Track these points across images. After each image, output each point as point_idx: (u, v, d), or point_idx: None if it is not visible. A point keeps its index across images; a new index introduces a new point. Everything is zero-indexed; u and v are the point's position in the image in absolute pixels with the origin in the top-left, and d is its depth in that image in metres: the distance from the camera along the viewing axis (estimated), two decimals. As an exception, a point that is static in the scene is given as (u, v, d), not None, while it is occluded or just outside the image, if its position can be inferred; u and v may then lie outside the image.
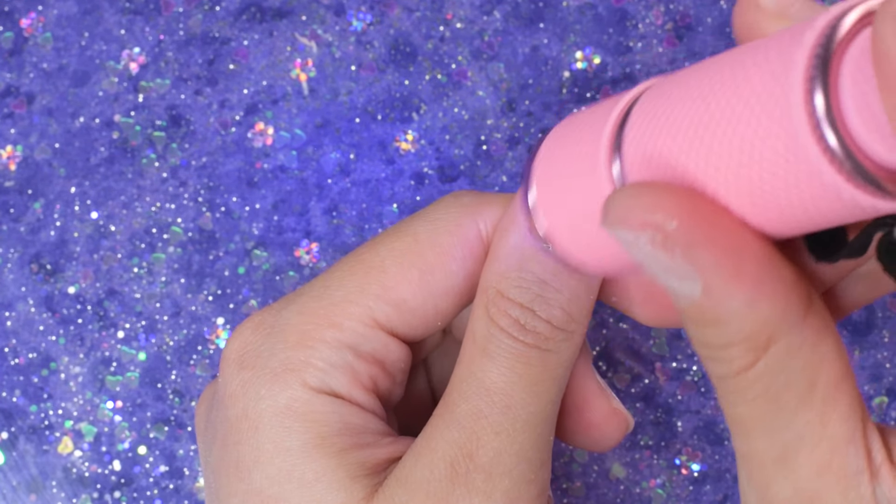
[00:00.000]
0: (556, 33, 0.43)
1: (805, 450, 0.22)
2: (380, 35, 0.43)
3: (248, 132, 0.42)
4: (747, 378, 0.22)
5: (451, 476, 0.29)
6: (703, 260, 0.21)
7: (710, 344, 0.22)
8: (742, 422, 0.23)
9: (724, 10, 0.43)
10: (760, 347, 0.22)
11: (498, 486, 0.29)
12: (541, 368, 0.29)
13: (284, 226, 0.42)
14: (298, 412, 0.29)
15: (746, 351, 0.22)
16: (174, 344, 0.41)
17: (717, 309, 0.21)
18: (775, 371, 0.22)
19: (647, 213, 0.21)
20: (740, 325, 0.21)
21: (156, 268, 0.42)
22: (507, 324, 0.29)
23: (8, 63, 0.43)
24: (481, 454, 0.29)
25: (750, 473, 0.23)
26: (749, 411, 0.23)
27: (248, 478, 0.29)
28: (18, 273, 0.42)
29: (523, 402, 0.29)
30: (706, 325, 0.22)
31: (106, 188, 0.42)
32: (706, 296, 0.21)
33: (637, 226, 0.21)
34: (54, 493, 0.41)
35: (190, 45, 0.43)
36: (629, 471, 0.41)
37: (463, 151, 0.42)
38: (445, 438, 0.29)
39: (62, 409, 0.41)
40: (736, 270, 0.21)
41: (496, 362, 0.29)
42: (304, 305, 0.31)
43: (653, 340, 0.41)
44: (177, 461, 0.41)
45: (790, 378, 0.22)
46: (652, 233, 0.21)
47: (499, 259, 0.30)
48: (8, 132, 0.42)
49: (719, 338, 0.22)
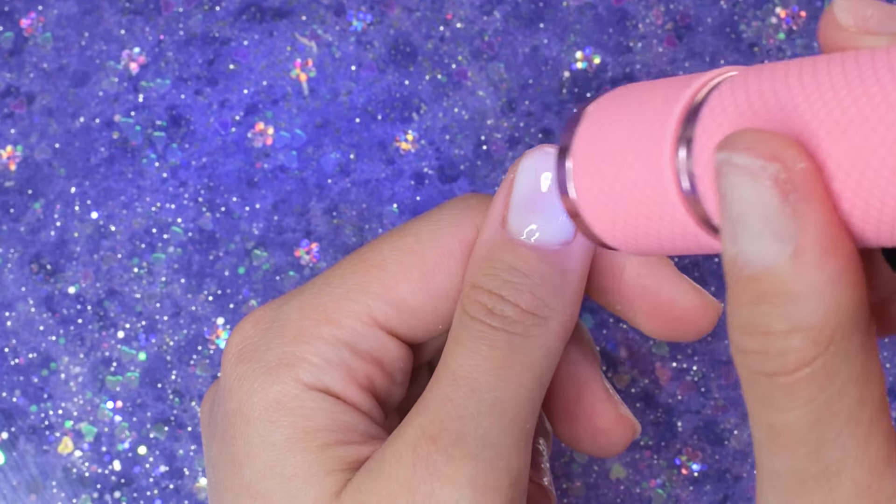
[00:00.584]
0: (556, 33, 0.43)
1: (848, 469, 0.21)
2: (380, 35, 0.43)
3: (248, 132, 0.42)
4: (801, 377, 0.21)
5: (413, 460, 0.28)
6: (813, 216, 0.20)
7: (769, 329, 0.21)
8: (788, 431, 0.22)
9: (723, 10, 0.43)
10: (825, 340, 0.20)
11: (462, 470, 0.28)
12: (507, 351, 0.29)
13: (284, 226, 0.42)
14: (286, 407, 0.29)
15: (810, 341, 0.20)
16: (174, 344, 0.41)
17: (801, 279, 0.20)
18: (833, 373, 0.21)
19: (780, 147, 0.20)
20: (817, 304, 0.20)
21: (156, 268, 0.42)
22: (475, 310, 0.29)
23: (8, 63, 0.43)
24: (444, 437, 0.28)
25: (787, 491, 0.22)
26: (800, 418, 0.21)
27: (241, 472, 0.29)
28: (18, 273, 0.42)
29: (489, 385, 0.28)
30: (775, 301, 0.21)
31: (106, 188, 0.42)
32: (796, 260, 0.20)
33: (768, 155, 0.20)
34: (54, 494, 0.41)
35: (190, 45, 0.43)
36: (629, 471, 0.41)
37: (463, 151, 0.42)
38: (412, 424, 0.29)
39: (62, 409, 0.41)
40: (836, 242, 0.20)
41: (463, 346, 0.29)
42: (303, 302, 0.31)
43: (653, 340, 0.41)
44: (177, 461, 0.41)
45: (845, 387, 0.21)
46: (779, 167, 0.20)
47: (474, 255, 0.30)
48: (8, 132, 0.42)
49: (786, 319, 0.21)
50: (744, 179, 0.21)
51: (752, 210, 0.21)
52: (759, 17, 0.42)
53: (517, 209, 0.29)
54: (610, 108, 0.26)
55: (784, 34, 0.42)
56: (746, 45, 0.42)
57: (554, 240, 0.29)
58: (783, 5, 0.42)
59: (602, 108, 0.26)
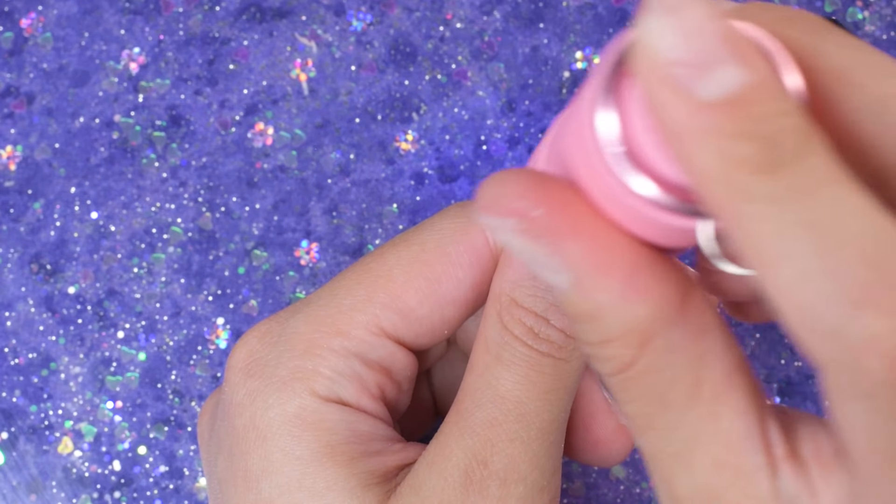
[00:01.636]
0: (556, 33, 0.43)
1: (700, 447, 0.22)
2: (380, 35, 0.43)
3: (248, 132, 0.42)
4: (629, 376, 0.22)
5: (466, 483, 0.28)
6: (571, 251, 0.21)
7: (588, 341, 0.22)
8: (634, 420, 0.23)
9: (724, 10, 0.43)
10: (638, 344, 0.21)
11: (512, 493, 0.29)
12: (554, 377, 0.29)
13: (284, 226, 0.42)
14: (307, 421, 0.29)
15: (624, 348, 0.21)
16: (174, 344, 0.41)
17: (588, 303, 0.21)
18: (657, 368, 0.21)
19: (513, 199, 0.21)
20: (613, 320, 0.21)
21: (156, 268, 0.42)
22: (521, 332, 0.29)
23: (8, 63, 0.43)
24: (496, 461, 0.29)
25: (655, 470, 0.23)
26: (638, 409, 0.22)
27: (257, 487, 0.29)
28: (18, 273, 0.42)
29: (537, 410, 0.29)
30: (581, 321, 0.21)
31: (106, 188, 0.42)
32: (577, 289, 0.21)
33: (502, 212, 0.21)
34: (54, 494, 0.41)
35: (190, 45, 0.43)
36: (629, 471, 0.41)
37: (463, 151, 0.42)
38: (460, 446, 0.29)
39: (62, 410, 0.41)
40: (605, 264, 0.21)
41: (510, 370, 0.29)
42: (310, 314, 0.31)
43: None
44: (177, 461, 0.41)
45: (675, 375, 0.21)
46: (517, 220, 0.21)
47: (512, 266, 0.30)
48: (8, 132, 0.42)
49: (595, 334, 0.21)
50: (499, 234, 0.21)
51: (522, 254, 0.21)
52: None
53: None
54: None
55: (784, 34, 0.42)
56: (746, 45, 0.42)
57: None
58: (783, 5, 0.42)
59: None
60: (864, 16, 0.42)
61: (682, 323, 0.21)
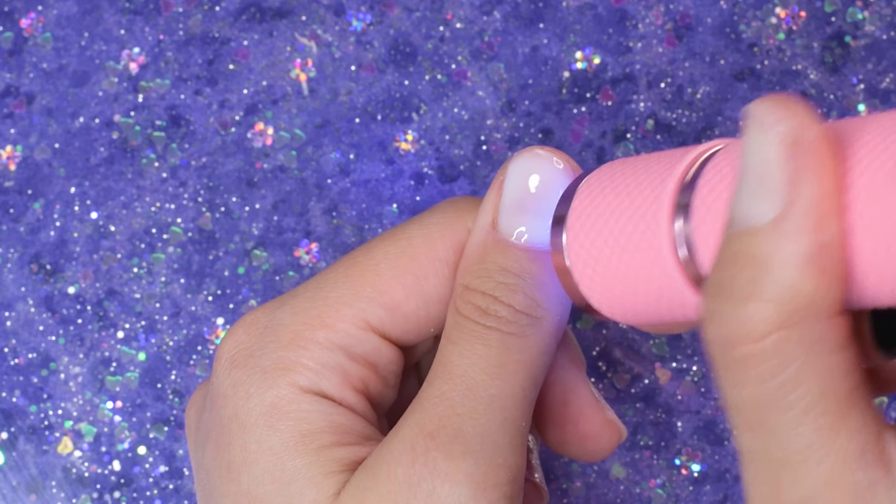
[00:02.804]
0: (556, 33, 0.43)
1: (813, 459, 0.21)
2: (380, 35, 0.43)
3: (248, 132, 0.42)
4: (756, 352, 0.21)
5: (412, 457, 0.28)
6: (805, 189, 0.20)
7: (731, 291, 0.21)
8: (745, 408, 0.22)
9: (723, 10, 0.43)
10: (781, 318, 0.21)
11: (461, 467, 0.28)
12: (502, 350, 0.29)
13: (284, 226, 0.42)
14: (283, 411, 0.29)
15: (766, 315, 0.21)
16: (174, 344, 0.41)
17: (772, 246, 0.20)
18: (788, 356, 0.21)
19: (798, 114, 0.21)
20: (779, 277, 0.20)
21: (156, 268, 0.42)
22: (468, 311, 0.29)
23: (8, 63, 0.43)
24: (441, 434, 0.28)
25: (757, 470, 0.22)
26: (754, 397, 0.21)
27: (238, 479, 0.29)
28: (18, 273, 0.42)
29: (484, 383, 0.29)
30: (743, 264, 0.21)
31: (106, 188, 0.42)
32: (776, 225, 0.20)
33: (786, 115, 0.21)
34: (54, 494, 0.41)
35: (190, 45, 0.43)
36: (629, 471, 0.41)
37: (463, 151, 0.42)
38: (408, 422, 0.29)
39: (62, 410, 0.41)
40: (819, 225, 0.20)
41: (458, 346, 0.29)
42: (297, 306, 0.31)
43: (653, 340, 0.41)
44: (177, 461, 0.41)
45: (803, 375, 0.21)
46: (790, 127, 0.21)
47: (466, 257, 0.30)
48: (8, 132, 0.42)
49: (750, 285, 0.21)
50: (755, 132, 0.21)
51: (754, 165, 0.21)
52: (758, 18, 0.42)
53: (507, 211, 0.29)
54: (604, 180, 0.27)
55: (784, 34, 0.42)
56: (746, 45, 0.42)
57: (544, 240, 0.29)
58: (783, 5, 0.42)
59: (597, 179, 0.27)
60: (864, 16, 0.42)
61: (828, 329, 0.21)
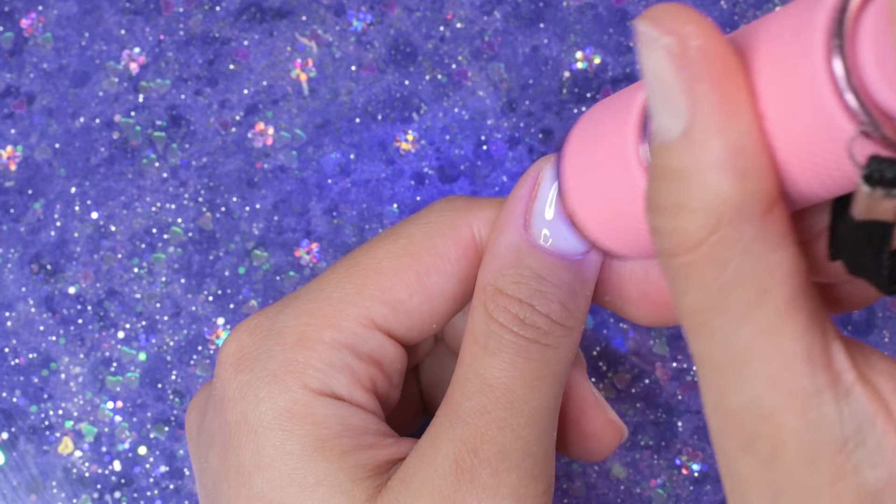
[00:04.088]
0: (556, 33, 0.43)
1: (757, 361, 0.21)
2: (380, 35, 0.43)
3: (248, 132, 0.42)
4: (692, 260, 0.21)
5: (457, 473, 0.28)
6: (702, 97, 0.20)
7: (662, 205, 0.21)
8: (691, 314, 0.22)
9: (724, 10, 0.43)
10: (711, 224, 0.21)
11: (504, 482, 0.28)
12: (541, 363, 0.29)
13: (284, 226, 0.42)
14: (298, 414, 0.29)
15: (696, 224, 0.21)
16: (174, 344, 0.41)
17: (687, 157, 0.20)
18: (722, 259, 0.21)
19: (681, 23, 0.21)
20: (699, 187, 0.20)
21: (156, 268, 0.42)
22: (506, 319, 0.29)
23: (8, 63, 0.43)
24: (486, 449, 0.28)
25: (705, 375, 0.22)
26: (697, 301, 0.21)
27: (250, 483, 0.29)
28: (18, 273, 0.42)
29: (526, 397, 0.29)
30: (667, 178, 0.21)
31: (106, 188, 0.42)
32: (684, 138, 0.20)
33: (666, 27, 0.21)
34: (54, 494, 0.41)
35: (190, 45, 0.43)
36: (629, 471, 0.41)
37: (463, 151, 0.42)
38: (449, 436, 0.29)
39: (62, 410, 0.41)
40: (724, 127, 0.20)
41: (497, 358, 0.29)
42: (300, 308, 0.31)
43: (653, 340, 0.41)
44: (177, 461, 0.41)
45: (741, 276, 0.21)
46: (674, 40, 0.20)
47: (496, 256, 0.30)
48: (8, 132, 0.42)
49: (674, 196, 0.21)
50: (644, 50, 0.21)
51: (652, 82, 0.21)
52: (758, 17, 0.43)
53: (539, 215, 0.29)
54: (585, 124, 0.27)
55: (784, 34, 0.42)
56: (746, 45, 0.42)
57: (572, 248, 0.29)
58: (783, 5, 0.42)
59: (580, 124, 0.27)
60: (865, 16, 0.42)
61: (761, 227, 0.21)
